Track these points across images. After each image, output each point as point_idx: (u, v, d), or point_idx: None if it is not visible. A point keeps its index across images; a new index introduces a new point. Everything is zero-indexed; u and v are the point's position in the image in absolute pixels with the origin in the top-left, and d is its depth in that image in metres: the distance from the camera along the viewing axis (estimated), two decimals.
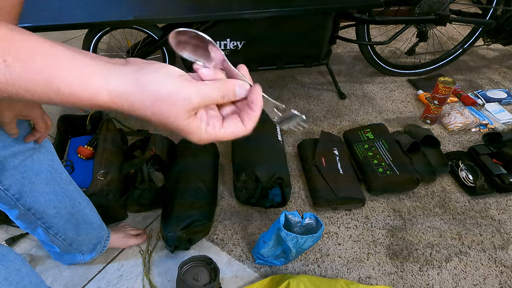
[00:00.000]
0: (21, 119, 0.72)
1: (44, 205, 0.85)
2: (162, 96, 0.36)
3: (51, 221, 0.88)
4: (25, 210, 0.83)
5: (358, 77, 1.98)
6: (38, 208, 0.84)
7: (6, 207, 0.82)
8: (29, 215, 0.85)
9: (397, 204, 1.30)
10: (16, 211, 0.83)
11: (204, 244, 1.16)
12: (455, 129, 1.61)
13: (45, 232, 0.90)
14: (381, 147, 1.41)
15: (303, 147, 1.45)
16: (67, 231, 0.93)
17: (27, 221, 0.87)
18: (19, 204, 0.81)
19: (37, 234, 0.92)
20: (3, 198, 0.80)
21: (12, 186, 0.78)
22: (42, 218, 0.87)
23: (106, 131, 1.27)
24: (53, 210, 0.87)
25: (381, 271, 1.10)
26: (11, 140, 0.74)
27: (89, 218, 0.98)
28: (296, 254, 1.05)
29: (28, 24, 1.22)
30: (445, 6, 1.68)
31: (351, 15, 1.65)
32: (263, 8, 1.38)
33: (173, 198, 1.14)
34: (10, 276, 0.64)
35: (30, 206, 0.83)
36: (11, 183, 0.78)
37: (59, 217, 0.89)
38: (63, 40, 2.15)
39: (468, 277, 1.10)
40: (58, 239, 0.93)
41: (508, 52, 2.23)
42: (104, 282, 1.06)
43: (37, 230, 0.90)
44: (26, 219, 0.86)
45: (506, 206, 1.31)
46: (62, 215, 0.89)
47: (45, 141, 0.84)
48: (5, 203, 0.81)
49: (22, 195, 0.80)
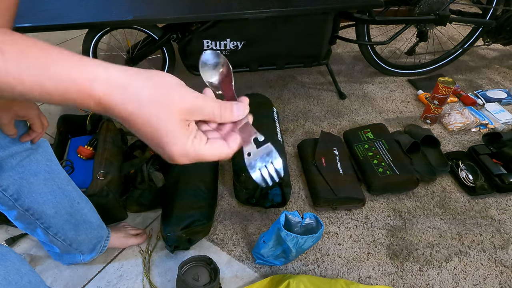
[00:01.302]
0: (18, 119, 0.72)
1: (42, 205, 0.84)
2: (163, 87, 0.35)
3: (50, 221, 0.88)
4: (23, 210, 0.83)
5: (358, 77, 1.98)
6: (36, 209, 0.84)
7: (4, 208, 0.82)
8: (28, 216, 0.84)
9: (397, 204, 1.30)
10: (15, 212, 0.83)
11: (204, 244, 1.16)
12: (455, 129, 1.61)
13: (44, 232, 0.90)
14: (381, 147, 1.41)
15: (303, 147, 1.45)
16: (67, 231, 0.93)
17: (26, 221, 0.87)
18: (17, 204, 0.81)
19: (36, 235, 0.92)
20: (2, 199, 0.80)
21: (10, 186, 0.78)
22: (41, 219, 0.87)
23: (106, 131, 1.27)
24: (51, 210, 0.87)
25: (381, 271, 1.10)
26: (8, 141, 0.74)
27: (89, 218, 0.98)
28: (296, 254, 1.05)
29: (28, 24, 1.22)
30: (445, 6, 1.68)
31: (351, 15, 1.65)
32: (263, 8, 1.38)
33: (173, 198, 1.14)
34: (9, 276, 0.64)
35: (28, 206, 0.83)
36: (9, 183, 0.78)
37: (58, 217, 0.89)
38: (63, 40, 2.15)
39: (468, 277, 1.10)
40: (57, 239, 0.93)
41: (508, 52, 2.23)
42: (104, 282, 1.06)
43: (36, 231, 0.90)
44: (25, 219, 0.86)
45: (506, 206, 1.31)
46: (61, 215, 0.89)
47: (42, 141, 0.84)
48: (3, 204, 0.81)
49: (20, 196, 0.80)
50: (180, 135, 0.36)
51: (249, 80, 1.91)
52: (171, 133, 0.36)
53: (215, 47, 1.51)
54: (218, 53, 0.42)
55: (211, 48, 1.51)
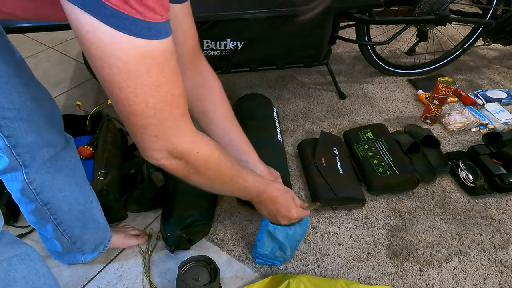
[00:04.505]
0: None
1: (60, 201, 0.85)
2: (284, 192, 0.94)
3: (63, 217, 0.88)
4: (42, 205, 0.83)
5: (358, 77, 1.99)
6: (54, 204, 0.84)
7: (26, 200, 0.82)
8: (44, 211, 0.84)
9: (397, 204, 1.30)
10: (33, 205, 0.83)
11: (204, 244, 1.16)
12: (455, 129, 1.61)
13: (54, 228, 0.89)
14: (381, 147, 1.41)
15: (303, 147, 1.45)
16: (74, 228, 0.92)
17: (40, 216, 0.87)
18: (39, 198, 0.81)
19: (44, 230, 0.91)
20: (25, 191, 0.80)
21: (36, 180, 0.78)
22: (55, 214, 0.86)
23: (106, 131, 1.27)
24: (66, 207, 0.87)
25: (381, 271, 1.10)
26: (48, 132, 0.77)
27: (97, 217, 0.98)
28: (292, 249, 1.05)
29: (28, 24, 1.22)
30: (445, 6, 1.68)
31: (351, 15, 1.65)
32: (263, 8, 1.38)
33: (173, 198, 1.14)
34: (28, 276, 0.65)
35: (48, 201, 0.83)
36: (35, 177, 0.78)
37: (71, 214, 0.89)
38: (63, 40, 2.16)
39: (468, 277, 1.10)
40: (64, 236, 0.93)
41: (508, 52, 2.23)
42: (104, 282, 1.06)
43: (46, 226, 0.89)
44: (39, 214, 0.86)
45: (506, 206, 1.31)
46: (73, 212, 0.89)
47: (70, 137, 0.85)
48: (25, 195, 0.81)
49: (43, 190, 0.81)
50: (293, 205, 0.96)
51: (249, 80, 1.92)
52: (290, 204, 0.95)
53: (215, 47, 1.51)
54: None
55: (211, 48, 1.51)
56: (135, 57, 0.46)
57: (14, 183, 0.79)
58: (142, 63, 0.46)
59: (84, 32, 0.44)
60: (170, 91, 0.52)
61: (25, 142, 0.73)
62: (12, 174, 0.77)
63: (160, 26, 0.46)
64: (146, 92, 0.49)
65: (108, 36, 0.43)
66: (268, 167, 1.04)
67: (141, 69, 0.47)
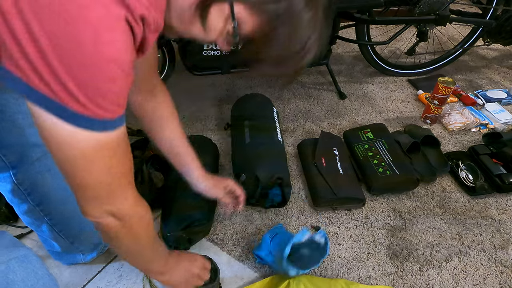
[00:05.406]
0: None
1: (53, 201, 0.84)
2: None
3: (58, 217, 0.88)
4: (34, 205, 0.83)
5: (358, 77, 1.99)
6: (47, 204, 0.84)
7: (17, 201, 0.83)
8: (37, 211, 0.84)
9: (397, 204, 1.30)
10: (25, 206, 0.83)
11: (204, 244, 1.16)
12: (455, 129, 1.61)
13: (49, 229, 0.89)
14: (381, 147, 1.41)
15: (303, 147, 1.45)
16: (71, 228, 0.92)
17: (34, 217, 0.86)
18: (30, 199, 0.81)
19: (40, 231, 0.91)
20: (16, 192, 0.80)
21: (25, 180, 0.79)
22: (50, 215, 0.86)
23: None
24: (60, 207, 0.87)
25: (381, 271, 1.10)
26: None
27: None
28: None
29: None
30: (445, 6, 1.68)
31: (351, 15, 1.65)
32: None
33: (173, 198, 1.14)
34: (27, 278, 0.65)
35: (39, 201, 0.83)
36: (25, 177, 0.78)
37: (65, 214, 0.89)
38: None
39: (468, 277, 1.10)
40: (61, 236, 0.92)
41: (508, 52, 2.23)
42: (104, 282, 1.06)
43: (41, 227, 0.89)
44: (33, 214, 0.86)
45: (506, 206, 1.31)
46: (68, 211, 0.89)
47: None
48: (16, 196, 0.81)
49: (34, 190, 0.81)
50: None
51: (249, 80, 1.92)
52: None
53: (215, 47, 1.51)
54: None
55: (211, 48, 1.51)
56: (92, 148, 0.51)
57: (4, 184, 0.79)
58: (98, 152, 0.52)
59: (46, 126, 0.49)
60: (121, 169, 0.58)
61: (9, 143, 0.73)
62: (0, 175, 0.77)
63: (116, 119, 0.52)
64: (100, 172, 0.55)
65: (66, 131, 0.49)
66: (214, 178, 1.03)
67: (97, 156, 0.53)
